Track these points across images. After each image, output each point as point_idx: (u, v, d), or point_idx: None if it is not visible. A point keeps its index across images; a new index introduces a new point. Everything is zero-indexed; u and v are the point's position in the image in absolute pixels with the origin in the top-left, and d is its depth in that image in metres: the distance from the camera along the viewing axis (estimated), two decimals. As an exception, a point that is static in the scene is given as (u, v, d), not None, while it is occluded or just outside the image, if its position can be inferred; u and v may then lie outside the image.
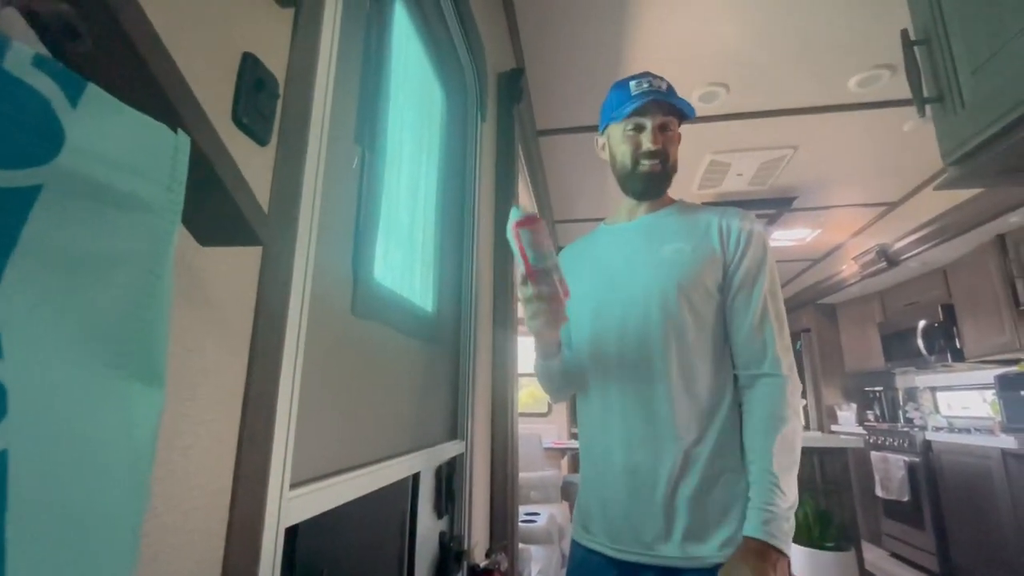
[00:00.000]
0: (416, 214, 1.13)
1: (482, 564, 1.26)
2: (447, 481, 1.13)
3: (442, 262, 1.26)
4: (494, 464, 1.52)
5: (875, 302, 4.80)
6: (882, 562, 3.82)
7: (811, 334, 5.46)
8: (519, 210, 0.84)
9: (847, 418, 4.86)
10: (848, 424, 4.80)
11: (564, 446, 4.49)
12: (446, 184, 1.33)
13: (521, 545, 2.21)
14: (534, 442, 3.86)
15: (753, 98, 2.27)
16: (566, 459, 4.81)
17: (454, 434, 1.25)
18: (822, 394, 5.21)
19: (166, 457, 0.38)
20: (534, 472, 3.54)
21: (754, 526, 0.79)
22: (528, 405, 5.13)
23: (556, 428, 5.02)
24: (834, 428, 4.92)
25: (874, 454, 4.09)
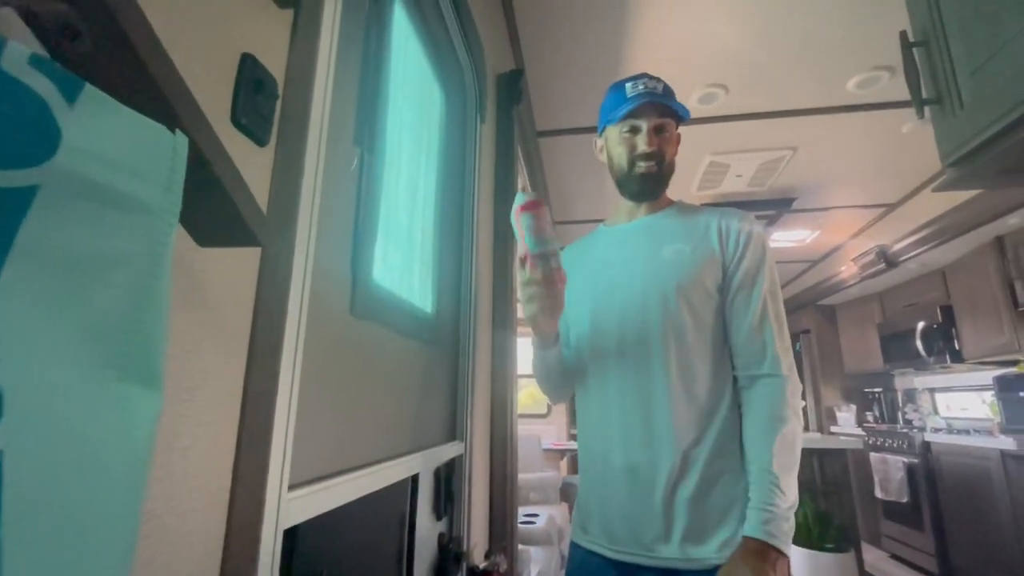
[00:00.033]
0: (415, 215, 1.13)
1: (481, 565, 1.25)
2: (446, 482, 1.13)
3: (441, 263, 1.26)
4: (493, 465, 1.52)
5: (874, 303, 4.81)
6: (881, 563, 3.82)
7: (810, 335, 5.47)
8: (523, 195, 0.86)
9: (846, 419, 4.87)
10: (847, 425, 4.80)
11: (563, 447, 4.48)
12: (445, 185, 1.33)
13: (520, 546, 2.20)
14: (533, 443, 3.86)
15: (752, 99, 2.28)
16: (565, 460, 4.81)
17: (453, 435, 1.25)
18: (821, 395, 5.21)
19: (165, 458, 0.38)
20: (533, 473, 3.53)
21: (754, 526, 0.79)
22: (527, 406, 5.13)
23: (555, 429, 5.01)
24: (833, 429, 4.92)
25: (873, 455, 4.10)
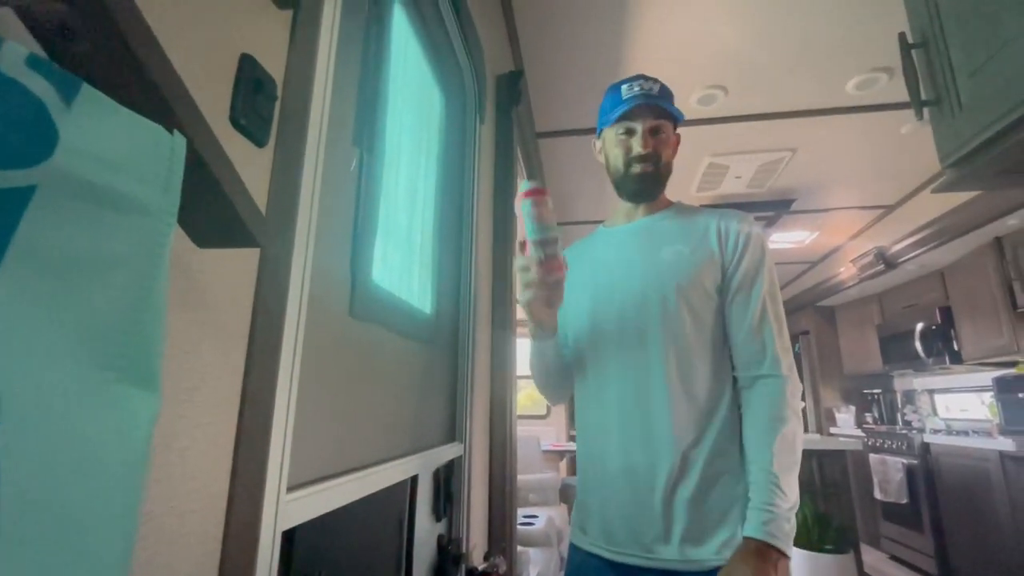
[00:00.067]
0: (414, 216, 1.13)
1: (480, 567, 1.25)
2: (445, 484, 1.13)
3: (440, 264, 1.25)
4: (492, 467, 1.52)
5: (873, 304, 4.81)
6: (881, 564, 3.82)
7: (810, 336, 5.47)
8: (527, 182, 0.86)
9: (845, 420, 4.87)
10: (846, 426, 4.80)
11: (563, 448, 4.48)
12: (445, 186, 1.33)
13: (519, 548, 2.20)
14: (532, 444, 3.86)
15: (752, 100, 2.28)
16: (565, 461, 4.81)
17: (452, 436, 1.25)
18: (820, 396, 5.21)
19: (163, 459, 0.38)
20: (532, 475, 3.53)
21: (754, 526, 0.78)
22: (527, 407, 5.13)
23: (555, 430, 5.01)
24: (832, 430, 4.92)
25: (872, 456, 4.10)
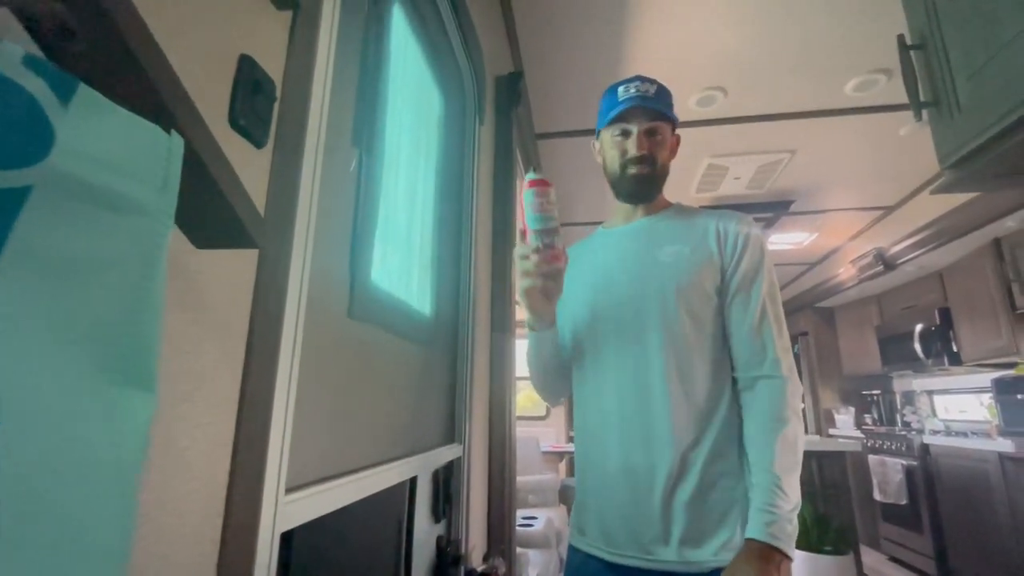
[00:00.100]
0: (414, 217, 1.13)
1: (480, 568, 1.25)
2: (444, 485, 1.12)
3: (440, 265, 1.25)
4: (492, 468, 1.52)
5: (872, 305, 4.82)
6: (880, 566, 3.82)
7: (809, 338, 5.47)
8: (533, 173, 0.89)
9: (845, 422, 4.87)
10: (846, 428, 4.80)
11: (562, 450, 4.47)
12: (444, 187, 1.33)
13: (519, 549, 2.20)
14: (532, 445, 3.85)
15: (751, 102, 2.28)
16: (564, 463, 4.80)
17: (451, 438, 1.25)
18: (820, 397, 5.21)
19: (161, 461, 0.38)
20: (532, 476, 3.52)
21: (757, 528, 0.78)
22: (526, 408, 5.12)
23: (554, 432, 5.00)
24: (832, 432, 4.92)
25: (872, 458, 4.10)
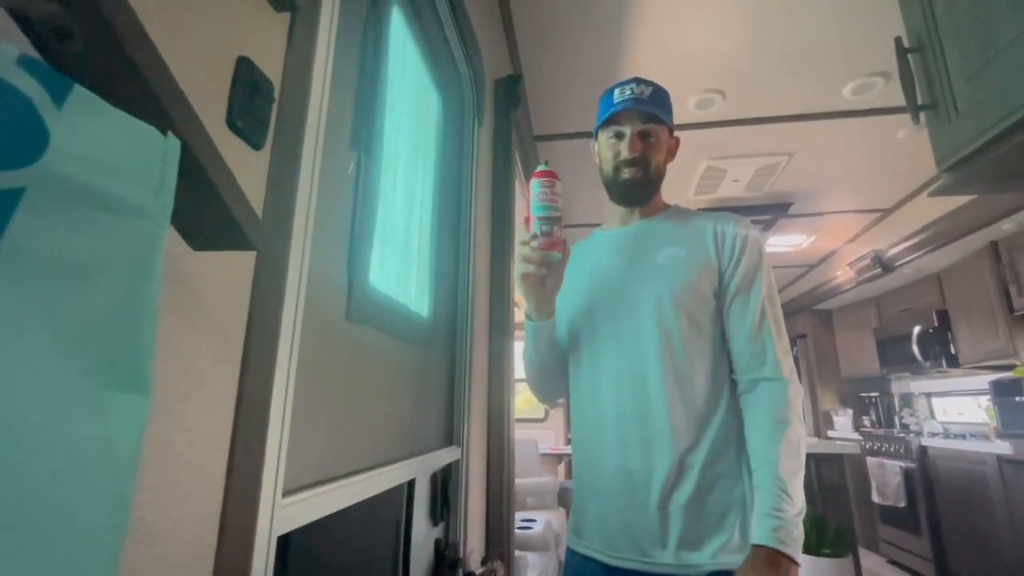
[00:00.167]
0: (412, 219, 1.13)
1: (478, 572, 1.24)
2: (442, 488, 1.12)
3: (438, 267, 1.25)
4: (490, 470, 1.51)
5: (870, 308, 4.83)
6: (879, 568, 3.82)
7: (807, 340, 5.48)
8: (543, 165, 0.93)
9: (843, 424, 4.87)
10: (844, 430, 4.81)
11: (561, 452, 4.47)
12: (442, 189, 1.33)
13: (517, 552, 2.19)
14: (530, 448, 3.84)
15: (749, 105, 2.29)
16: (563, 465, 4.79)
17: (450, 440, 1.24)
18: (818, 400, 5.22)
19: (156, 464, 0.38)
20: (530, 478, 3.52)
21: (764, 534, 0.76)
22: (524, 411, 5.12)
23: (553, 434, 5.00)
24: (830, 434, 4.92)
25: (870, 460, 4.10)
